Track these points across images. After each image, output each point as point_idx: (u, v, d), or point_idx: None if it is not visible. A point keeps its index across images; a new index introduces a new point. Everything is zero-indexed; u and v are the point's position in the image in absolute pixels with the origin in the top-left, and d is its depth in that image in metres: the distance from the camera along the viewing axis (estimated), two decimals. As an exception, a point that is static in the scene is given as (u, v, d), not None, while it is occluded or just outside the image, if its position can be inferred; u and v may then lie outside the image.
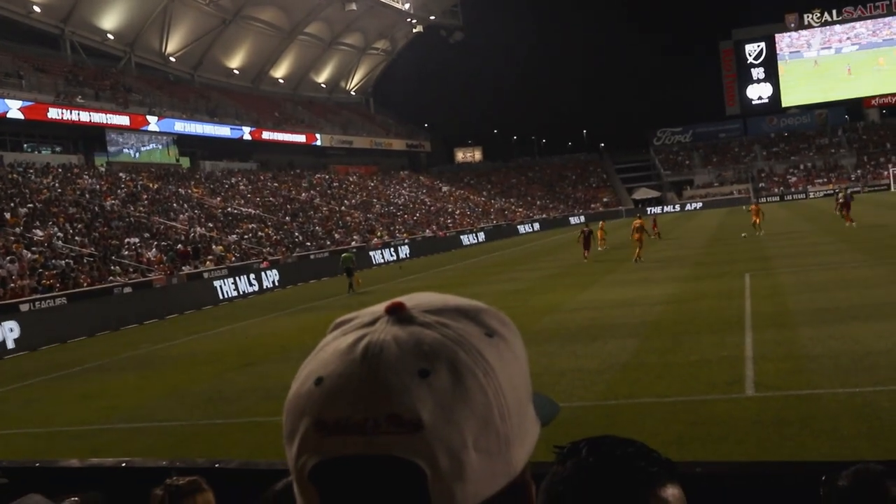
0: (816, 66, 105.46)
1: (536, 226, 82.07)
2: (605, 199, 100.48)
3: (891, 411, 8.98)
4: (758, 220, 39.34)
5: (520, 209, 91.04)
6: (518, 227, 78.54)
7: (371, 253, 49.93)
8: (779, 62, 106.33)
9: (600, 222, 44.33)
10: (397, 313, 0.85)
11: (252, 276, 37.97)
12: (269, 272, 39.58)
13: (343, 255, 34.93)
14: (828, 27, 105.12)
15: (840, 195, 40.67)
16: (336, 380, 0.80)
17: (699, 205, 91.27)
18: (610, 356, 13.64)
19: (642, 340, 14.79)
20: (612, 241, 42.48)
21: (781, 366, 11.62)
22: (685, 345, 13.95)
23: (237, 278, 36.83)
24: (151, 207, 46.74)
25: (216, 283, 35.30)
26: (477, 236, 66.61)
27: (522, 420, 0.84)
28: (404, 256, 52.40)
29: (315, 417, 0.79)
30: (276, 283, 39.07)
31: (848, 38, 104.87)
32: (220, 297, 34.83)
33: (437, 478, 0.76)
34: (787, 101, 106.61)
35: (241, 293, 36.22)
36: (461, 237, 64.14)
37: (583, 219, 76.42)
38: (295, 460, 0.82)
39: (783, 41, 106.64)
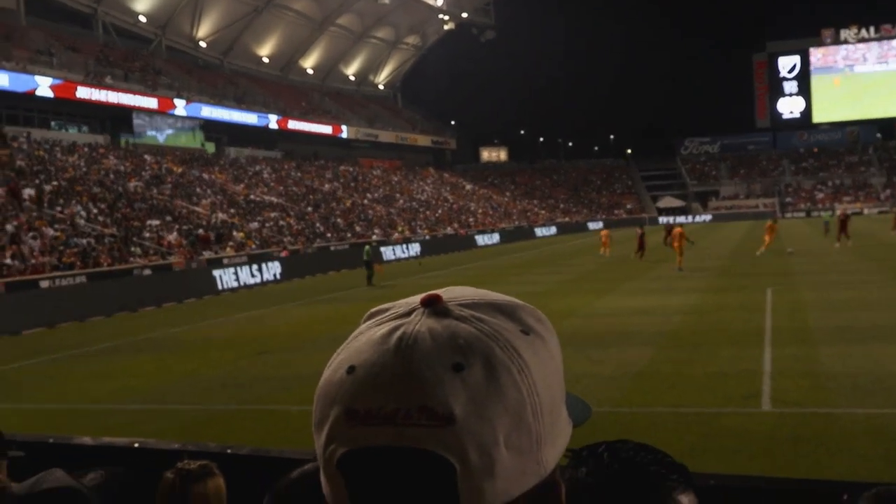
0: (850, 83, 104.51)
1: (553, 230, 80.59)
2: (629, 206, 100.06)
3: (909, 434, 8.87)
4: (768, 239, 36.09)
5: (542, 211, 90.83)
6: (535, 229, 77.26)
7: (382, 249, 49.39)
8: (812, 77, 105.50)
9: (604, 230, 45.36)
10: (433, 305, 0.84)
11: (271, 264, 38.04)
12: (287, 261, 39.64)
13: (365, 247, 35.32)
14: (864, 44, 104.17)
15: (839, 213, 41.38)
16: (369, 369, 0.79)
17: (708, 216, 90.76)
18: (626, 363, 13.57)
19: (659, 349, 14.70)
20: (620, 250, 42.23)
21: (800, 382, 11.51)
22: (703, 356, 13.85)
23: (257, 265, 36.91)
24: (174, 191, 46.98)
25: (236, 270, 35.39)
26: (491, 237, 65.51)
27: (555, 419, 0.84)
28: (415, 254, 51.48)
29: (346, 406, 0.79)
30: (295, 273, 39.11)
31: (884, 57, 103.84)
32: (239, 283, 34.90)
33: (467, 473, 0.75)
34: (818, 116, 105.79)
35: (261, 281, 36.28)
36: (476, 237, 63.71)
37: (601, 224, 76.11)
38: (324, 448, 0.81)
39: (817, 56, 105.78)
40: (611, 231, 48.79)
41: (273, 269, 37.70)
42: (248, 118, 66.96)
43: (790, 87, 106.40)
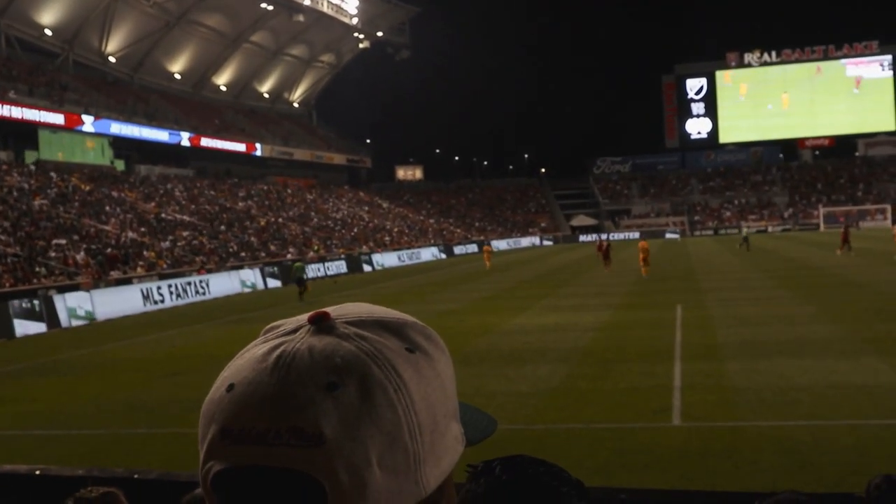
0: (755, 106, 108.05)
1: (441, 253, 71.77)
2: (543, 224, 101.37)
3: (811, 445, 9.15)
4: (643, 259, 34.93)
5: (458, 230, 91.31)
6: (420, 251, 68.80)
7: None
8: (718, 99, 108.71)
9: (486, 245, 48.84)
10: (319, 323, 0.84)
11: (185, 283, 37.29)
12: (201, 280, 38.93)
13: (294, 264, 36.09)
14: (767, 67, 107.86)
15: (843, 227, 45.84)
16: (245, 387, 0.79)
17: (636, 234, 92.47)
18: (540, 380, 13.69)
19: (573, 366, 14.88)
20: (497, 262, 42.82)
21: (708, 397, 11.78)
22: (615, 372, 14.07)
23: (168, 285, 36.14)
24: (82, 209, 45.78)
25: (146, 289, 34.59)
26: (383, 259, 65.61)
27: (438, 439, 0.82)
28: (335, 272, 51.61)
29: (222, 424, 0.79)
30: (209, 292, 38.42)
31: (786, 80, 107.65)
32: (150, 303, 34.14)
33: (337, 495, 0.74)
34: (724, 137, 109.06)
35: (173, 300, 35.55)
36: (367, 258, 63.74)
37: (475, 247, 75.24)
38: (202, 466, 0.81)
39: (724, 78, 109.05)
40: (491, 249, 54.43)
41: (188, 288, 36.99)
42: (160, 135, 65.74)
43: (698, 108, 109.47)
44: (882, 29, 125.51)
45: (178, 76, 77.25)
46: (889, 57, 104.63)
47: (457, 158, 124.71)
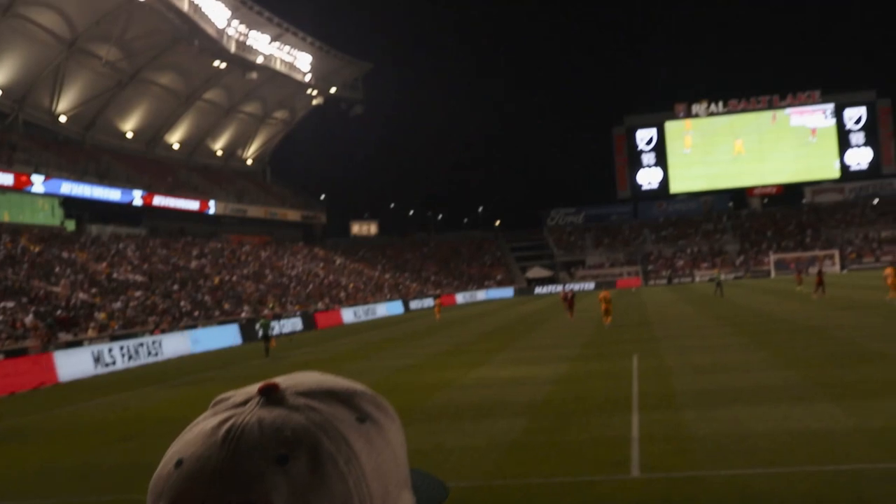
0: (703, 156, 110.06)
1: (397, 308, 72.17)
2: (498, 277, 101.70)
3: (768, 493, 9.17)
4: (605, 309, 35.55)
5: (414, 284, 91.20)
6: (376, 306, 67.82)
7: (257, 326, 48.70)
8: (668, 150, 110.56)
9: (439, 298, 50.59)
10: (269, 394, 0.83)
11: (137, 344, 36.67)
12: (154, 341, 38.31)
13: (261, 320, 36.44)
14: (714, 117, 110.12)
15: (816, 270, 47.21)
16: (195, 463, 0.78)
17: (591, 285, 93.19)
18: (499, 435, 13.59)
19: (531, 419, 14.81)
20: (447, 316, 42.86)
21: (666, 447, 11.77)
22: (573, 424, 14.02)
23: (121, 346, 35.49)
24: (31, 271, 44.98)
25: (97, 351, 33.92)
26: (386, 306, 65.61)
27: None
28: (291, 330, 51.30)
29: (171, 500, 0.78)
30: (162, 353, 37.80)
31: (733, 130, 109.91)
32: (101, 365, 33.46)
33: None
34: (675, 187, 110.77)
35: (125, 362, 34.90)
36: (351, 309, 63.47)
37: (431, 301, 74.95)
38: None
39: (673, 129, 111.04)
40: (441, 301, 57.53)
41: (140, 349, 36.36)
42: (111, 194, 65.07)
43: (648, 158, 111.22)
44: (823, 79, 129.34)
45: (130, 135, 76.78)
46: (831, 105, 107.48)
47: (412, 213, 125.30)
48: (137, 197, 67.65)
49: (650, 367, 20.65)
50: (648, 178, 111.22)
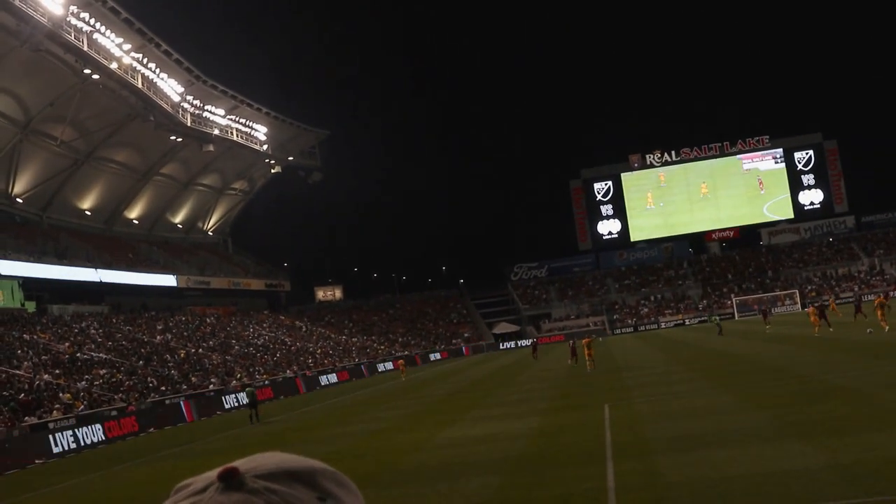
0: (661, 204, 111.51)
1: (365, 371, 72.70)
2: (466, 335, 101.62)
3: (746, 536, 9.22)
4: (588, 354, 39.07)
5: (382, 346, 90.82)
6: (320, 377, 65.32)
7: (224, 397, 48.18)
8: (626, 199, 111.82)
9: (400, 360, 52.79)
10: (228, 480, 0.83)
11: (104, 423, 36.03)
12: (123, 419, 37.69)
13: (247, 389, 37.90)
14: (669, 166, 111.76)
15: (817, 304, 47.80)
16: None
17: (560, 337, 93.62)
18: (474, 494, 13.53)
19: (506, 476, 14.76)
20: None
21: (642, 495, 11.80)
22: (548, 479, 14.00)
23: (88, 427, 34.86)
24: (-8, 355, 44.20)
25: (63, 434, 33.28)
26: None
27: None
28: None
29: None
30: (133, 430, 37.16)
31: (687, 177, 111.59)
32: (68, 447, 32.80)
33: None
34: (635, 236, 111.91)
35: (93, 442, 34.24)
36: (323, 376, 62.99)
37: (391, 365, 74.99)
38: None
39: (629, 179, 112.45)
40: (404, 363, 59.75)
41: (111, 429, 35.70)
42: (72, 273, 64.39)
43: (606, 209, 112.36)
44: (772, 123, 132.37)
45: (88, 213, 76.29)
46: (780, 150, 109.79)
47: (375, 275, 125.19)
48: (98, 274, 67.00)
49: (622, 415, 20.71)
50: (608, 228, 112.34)
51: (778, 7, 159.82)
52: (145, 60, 63.20)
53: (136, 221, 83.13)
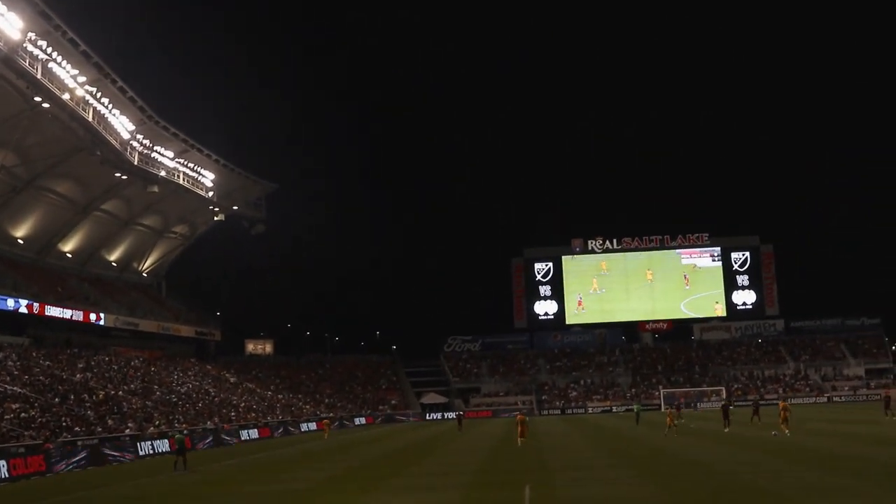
0: (598, 289, 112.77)
1: (289, 429, 74.16)
2: (393, 402, 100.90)
3: None
4: (520, 431, 40.06)
5: (308, 405, 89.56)
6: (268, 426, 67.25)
7: (140, 443, 46.95)
8: (564, 282, 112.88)
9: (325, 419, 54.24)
10: None
11: (9, 461, 34.65)
12: (30, 458, 36.33)
13: (177, 435, 37.37)
14: (609, 254, 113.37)
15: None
16: None
17: (488, 413, 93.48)
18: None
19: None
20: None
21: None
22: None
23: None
24: None
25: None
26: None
27: None
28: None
29: None
30: (40, 470, 35.82)
31: (626, 266, 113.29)
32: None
33: None
34: (570, 319, 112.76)
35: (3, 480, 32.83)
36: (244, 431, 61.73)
37: (314, 425, 75.17)
38: None
39: (569, 263, 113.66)
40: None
41: (20, 464, 34.35)
42: (-5, 301, 62.64)
43: (545, 290, 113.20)
44: (712, 221, 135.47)
45: (21, 241, 74.55)
46: (718, 248, 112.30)
47: (308, 333, 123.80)
48: (23, 305, 65.22)
49: (542, 498, 20.62)
50: (545, 308, 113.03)
51: (727, 112, 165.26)
52: (99, 95, 62.54)
53: (69, 255, 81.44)
